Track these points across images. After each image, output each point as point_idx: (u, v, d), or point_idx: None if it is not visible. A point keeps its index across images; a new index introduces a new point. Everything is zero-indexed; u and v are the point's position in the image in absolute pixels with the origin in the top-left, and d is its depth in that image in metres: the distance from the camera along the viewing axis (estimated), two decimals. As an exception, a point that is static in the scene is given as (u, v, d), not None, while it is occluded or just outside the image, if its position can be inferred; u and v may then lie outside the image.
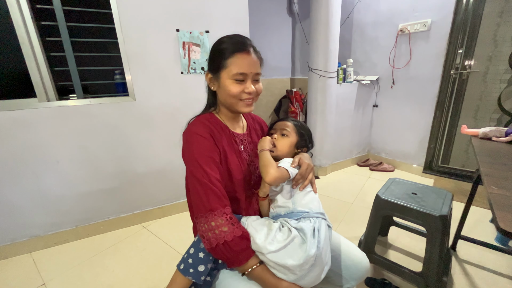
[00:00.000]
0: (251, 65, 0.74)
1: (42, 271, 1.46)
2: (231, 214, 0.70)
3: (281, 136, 0.88)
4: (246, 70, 0.73)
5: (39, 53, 1.46)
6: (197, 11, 1.74)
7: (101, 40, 1.64)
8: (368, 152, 3.09)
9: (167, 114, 1.81)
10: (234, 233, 0.67)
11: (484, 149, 1.10)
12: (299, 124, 0.91)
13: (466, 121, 2.25)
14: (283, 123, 0.90)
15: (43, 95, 1.52)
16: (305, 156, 0.85)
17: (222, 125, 0.82)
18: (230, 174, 0.79)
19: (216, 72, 0.76)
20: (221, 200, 0.69)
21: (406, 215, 1.14)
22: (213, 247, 0.66)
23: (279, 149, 0.86)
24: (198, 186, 0.69)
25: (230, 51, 0.72)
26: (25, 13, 1.39)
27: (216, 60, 0.75)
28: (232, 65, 0.72)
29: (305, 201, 0.80)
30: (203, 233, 0.68)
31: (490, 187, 0.74)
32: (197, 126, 0.76)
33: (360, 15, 2.79)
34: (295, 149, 0.89)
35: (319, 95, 2.49)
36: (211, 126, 0.78)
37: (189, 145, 0.74)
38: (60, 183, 1.61)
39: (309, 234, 0.69)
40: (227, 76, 0.73)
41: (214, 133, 0.77)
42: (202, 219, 0.68)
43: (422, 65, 2.40)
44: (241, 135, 0.87)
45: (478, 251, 1.50)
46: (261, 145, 0.84)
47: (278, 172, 0.75)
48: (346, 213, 1.96)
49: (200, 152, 0.72)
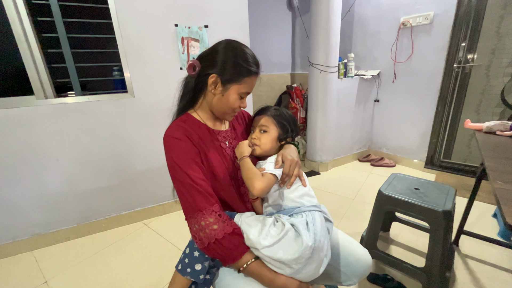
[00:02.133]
0: (254, 86, 0.80)
1: (43, 269, 1.46)
2: (220, 211, 0.69)
3: (261, 134, 0.84)
4: (251, 90, 0.79)
5: (35, 49, 1.44)
6: (195, 6, 1.72)
7: (99, 36, 1.61)
8: (369, 148, 3.07)
9: (167, 110, 1.76)
10: (224, 230, 0.67)
11: (489, 144, 1.09)
12: (278, 114, 0.86)
13: (468, 115, 2.23)
14: (261, 119, 0.86)
15: (40, 92, 1.50)
16: (288, 152, 0.80)
17: (200, 124, 0.80)
18: (213, 173, 0.77)
19: (227, 83, 0.74)
20: (207, 199, 0.69)
21: (409, 211, 1.13)
22: (205, 247, 0.67)
23: (262, 147, 0.83)
24: (182, 188, 0.69)
25: (248, 72, 0.75)
26: (21, 9, 1.37)
27: (232, 72, 0.74)
28: (244, 84, 0.76)
29: (295, 196, 0.78)
30: (195, 233, 0.68)
31: (496, 182, 0.73)
32: (172, 130, 0.75)
33: (361, 8, 2.75)
34: (279, 142, 0.86)
35: (319, 91, 2.47)
36: (186, 127, 0.76)
37: (167, 150, 0.73)
38: (60, 181, 1.61)
39: (301, 227, 0.68)
40: (236, 90, 0.75)
41: (191, 133, 0.75)
42: (192, 220, 0.68)
43: (424, 59, 2.37)
44: (223, 132, 0.85)
45: (480, 246, 1.49)
46: (239, 152, 0.80)
47: (265, 181, 0.72)
48: (347, 209, 1.95)
49: (178, 154, 0.71)
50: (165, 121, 1.76)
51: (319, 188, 2.32)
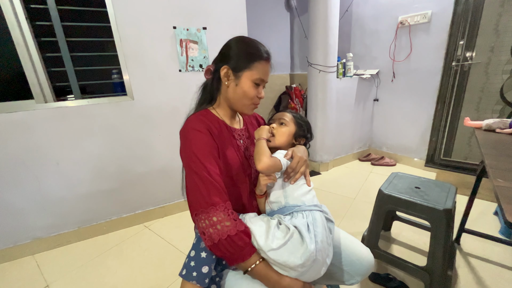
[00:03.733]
0: (268, 74, 0.80)
1: (45, 273, 1.46)
2: (232, 210, 0.69)
3: (279, 125, 0.89)
4: (265, 77, 0.79)
5: (34, 54, 1.44)
6: (193, 8, 1.72)
7: (98, 39, 1.61)
8: (370, 147, 3.07)
9: (166, 112, 1.80)
10: (237, 227, 0.66)
11: (488, 141, 1.09)
12: (298, 116, 0.92)
13: (468, 113, 2.23)
14: (282, 114, 0.91)
15: (40, 96, 1.50)
16: (299, 149, 0.84)
17: (219, 120, 0.81)
18: (229, 169, 0.78)
19: (238, 71, 0.77)
20: (222, 195, 0.68)
21: (410, 210, 1.12)
22: (215, 243, 0.64)
23: (278, 138, 0.86)
24: (198, 180, 0.68)
25: (258, 56, 0.76)
26: (19, 13, 1.37)
27: (243, 60, 0.76)
28: (256, 69, 0.76)
29: (297, 194, 0.79)
30: (204, 229, 0.65)
31: (496, 180, 0.73)
32: (194, 122, 0.75)
33: (359, 8, 2.75)
34: (294, 140, 0.89)
35: (319, 91, 2.47)
36: (208, 121, 0.77)
37: (187, 141, 0.72)
38: (61, 185, 1.61)
39: (304, 230, 0.69)
40: (249, 77, 0.76)
41: (212, 129, 0.76)
42: (203, 215, 0.65)
43: (423, 58, 2.37)
44: (239, 130, 0.87)
45: (482, 244, 1.49)
46: (258, 134, 0.83)
47: (271, 160, 0.75)
48: (348, 209, 1.95)
49: (199, 147, 0.71)
50: (164, 123, 1.80)
51: (320, 188, 2.32)
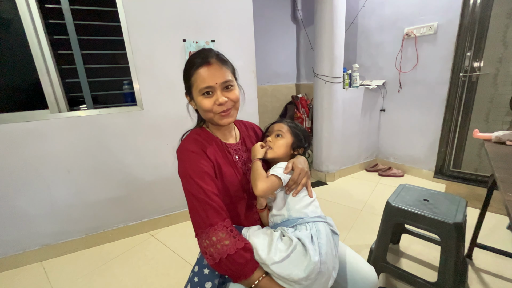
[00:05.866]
0: (216, 75, 0.73)
1: (52, 280, 1.47)
2: (231, 227, 0.69)
3: (275, 138, 0.87)
4: (211, 82, 0.72)
5: (51, 66, 1.51)
6: (203, 21, 1.78)
7: (110, 52, 1.68)
8: (377, 157, 3.04)
9: (175, 122, 1.83)
10: (236, 245, 0.66)
11: (498, 154, 1.07)
12: (293, 125, 0.91)
13: (477, 124, 2.20)
14: (277, 125, 0.91)
15: (54, 106, 1.56)
16: (299, 160, 0.82)
17: (213, 137, 0.82)
18: (226, 186, 0.78)
19: (189, 93, 0.79)
20: (220, 214, 0.69)
21: (418, 223, 1.10)
22: (216, 263, 0.65)
23: (275, 151, 0.86)
24: (195, 202, 0.69)
25: (192, 68, 0.74)
26: (38, 28, 1.44)
27: (185, 81, 0.78)
28: (197, 81, 0.73)
29: (300, 206, 0.78)
30: (205, 249, 0.67)
31: (507, 194, 0.71)
32: (189, 142, 0.77)
33: (364, 20, 2.79)
34: (292, 150, 0.88)
35: (325, 101, 2.48)
36: (201, 140, 0.78)
37: (183, 163, 0.74)
38: (70, 192, 1.64)
39: (307, 241, 0.68)
40: (196, 93, 0.75)
41: (206, 147, 0.77)
42: (203, 235, 0.67)
43: (430, 69, 2.37)
44: (234, 145, 0.87)
45: (495, 259, 1.44)
46: (252, 154, 0.84)
47: (267, 183, 0.74)
48: (355, 220, 1.92)
49: (194, 168, 0.72)
50: (172, 133, 1.83)
51: (326, 199, 2.30)
